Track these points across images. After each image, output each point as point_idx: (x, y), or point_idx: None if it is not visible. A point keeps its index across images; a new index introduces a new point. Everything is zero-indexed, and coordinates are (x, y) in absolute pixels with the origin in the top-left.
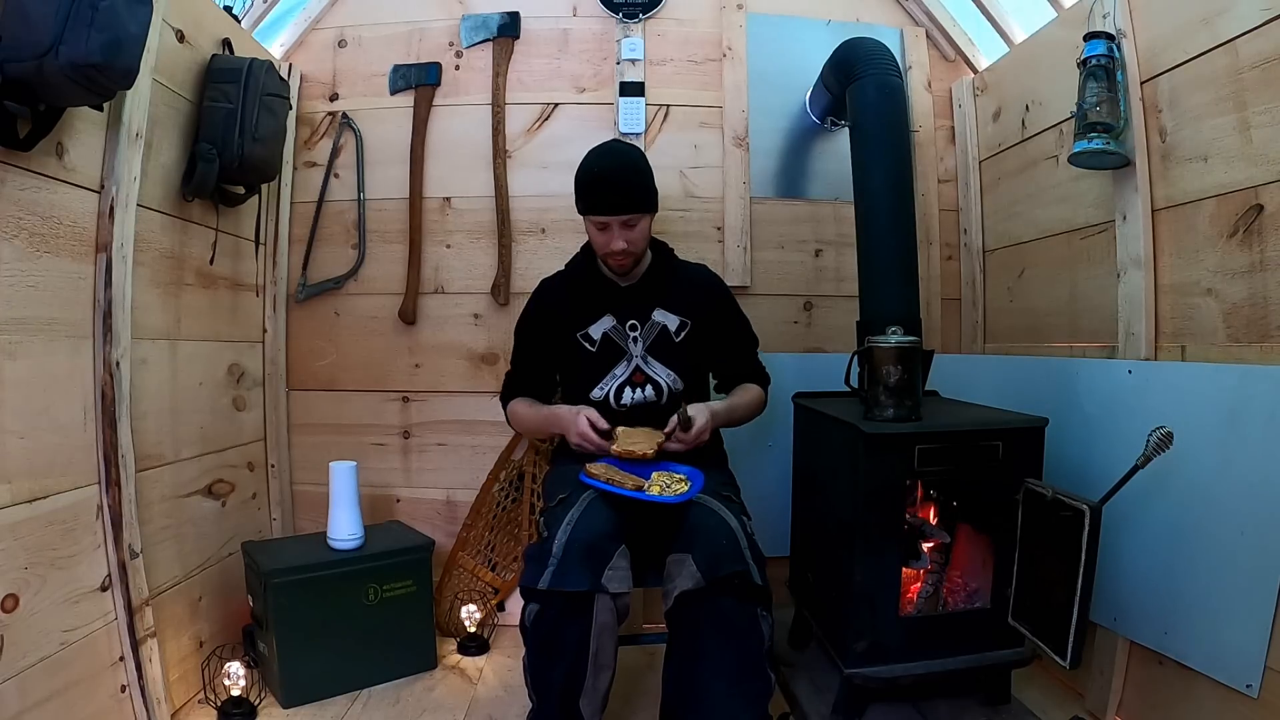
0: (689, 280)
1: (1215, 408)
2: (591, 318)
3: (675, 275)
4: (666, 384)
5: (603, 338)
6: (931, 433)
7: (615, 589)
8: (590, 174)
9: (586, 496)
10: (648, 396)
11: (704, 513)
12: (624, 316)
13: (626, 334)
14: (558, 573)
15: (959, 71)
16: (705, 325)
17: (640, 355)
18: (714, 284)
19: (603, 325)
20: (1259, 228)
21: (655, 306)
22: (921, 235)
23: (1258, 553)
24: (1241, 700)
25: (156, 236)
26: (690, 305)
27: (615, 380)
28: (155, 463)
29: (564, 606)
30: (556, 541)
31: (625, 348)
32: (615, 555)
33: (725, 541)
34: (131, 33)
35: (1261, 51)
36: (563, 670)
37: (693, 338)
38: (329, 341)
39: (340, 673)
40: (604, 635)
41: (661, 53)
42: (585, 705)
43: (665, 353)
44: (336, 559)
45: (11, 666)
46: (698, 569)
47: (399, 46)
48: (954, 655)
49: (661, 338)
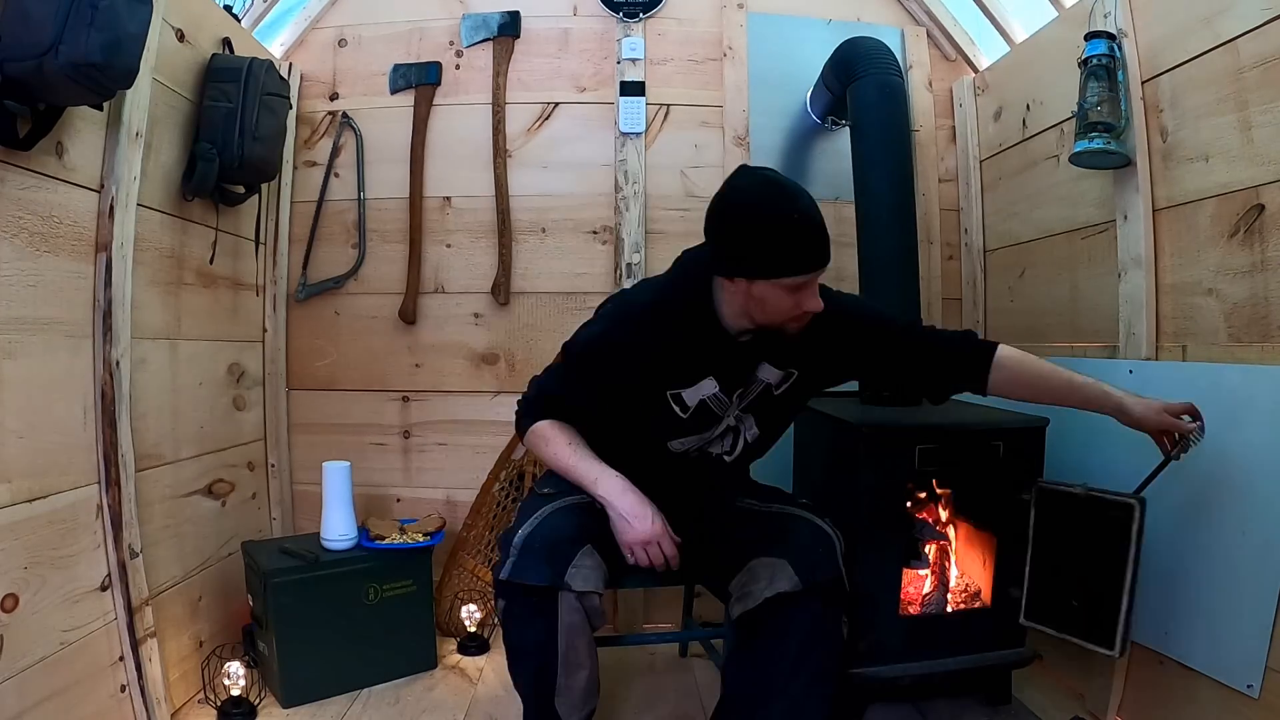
0: (810, 325)
1: (1216, 408)
2: (692, 378)
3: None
4: (747, 438)
5: (699, 405)
6: (931, 432)
7: (580, 587)
8: (791, 224)
9: (570, 500)
10: (724, 450)
11: (800, 522)
12: (729, 380)
13: (731, 403)
14: (518, 565)
15: (960, 71)
16: (818, 370)
17: (735, 416)
18: (836, 316)
19: (702, 390)
20: (1260, 227)
21: (761, 361)
22: (922, 235)
23: (1259, 553)
24: (1242, 700)
25: (156, 236)
26: (800, 353)
27: (700, 440)
28: (155, 462)
29: (527, 604)
30: (519, 534)
31: (722, 415)
32: (579, 554)
33: (822, 549)
34: (131, 32)
35: (1262, 51)
36: (531, 671)
37: (794, 389)
38: (329, 341)
39: (340, 672)
40: (573, 634)
41: (662, 52)
42: (562, 705)
43: (759, 409)
44: (336, 559)
45: (11, 666)
46: (796, 574)
47: (399, 46)
48: (954, 655)
49: (762, 396)
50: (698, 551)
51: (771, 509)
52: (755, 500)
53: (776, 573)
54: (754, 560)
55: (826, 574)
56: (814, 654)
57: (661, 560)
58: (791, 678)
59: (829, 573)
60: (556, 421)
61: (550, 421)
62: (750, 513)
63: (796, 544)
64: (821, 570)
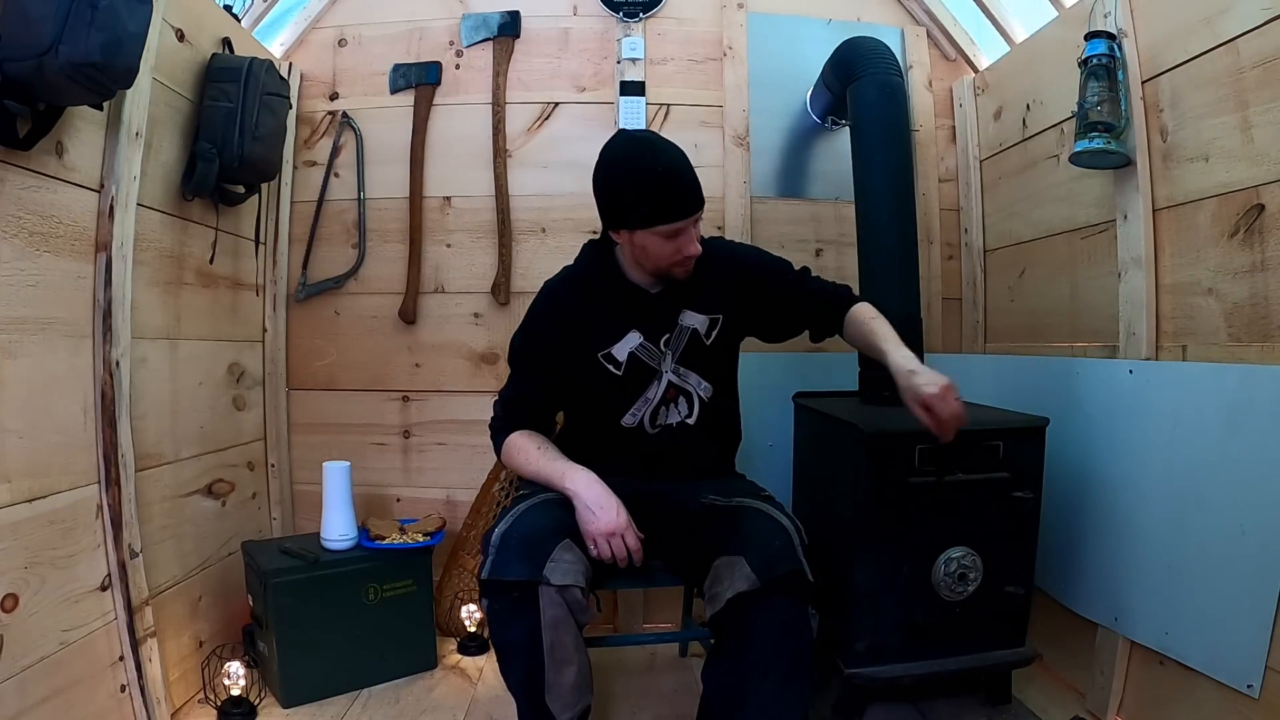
0: (712, 266)
1: (1216, 408)
2: (616, 334)
3: (699, 266)
4: (699, 395)
5: (629, 358)
6: (932, 432)
7: (559, 580)
8: (655, 175)
9: (545, 496)
10: (683, 415)
11: (754, 515)
12: (653, 329)
13: (659, 351)
14: (496, 563)
15: (960, 71)
16: (740, 311)
17: (672, 369)
18: (736, 258)
19: (629, 343)
20: (1260, 227)
21: (682, 309)
22: (922, 235)
23: (1258, 552)
24: (1242, 700)
25: (156, 236)
26: (719, 296)
27: (649, 405)
28: (155, 462)
29: (508, 600)
30: (496, 532)
31: (656, 366)
32: (557, 549)
33: (779, 542)
34: (131, 32)
35: (1262, 51)
36: (519, 668)
37: (725, 333)
38: (329, 341)
39: (340, 672)
40: (558, 629)
41: (662, 52)
42: (553, 702)
43: (696, 359)
44: (335, 559)
45: (11, 666)
46: (753, 571)
47: (399, 46)
48: (954, 655)
49: (692, 344)
50: (671, 551)
51: (731, 504)
52: (719, 495)
53: (735, 572)
54: (716, 560)
55: (784, 568)
56: (782, 651)
57: (624, 553)
58: (763, 679)
59: (787, 566)
60: (525, 431)
61: (520, 432)
62: (712, 509)
63: (753, 540)
64: (780, 564)
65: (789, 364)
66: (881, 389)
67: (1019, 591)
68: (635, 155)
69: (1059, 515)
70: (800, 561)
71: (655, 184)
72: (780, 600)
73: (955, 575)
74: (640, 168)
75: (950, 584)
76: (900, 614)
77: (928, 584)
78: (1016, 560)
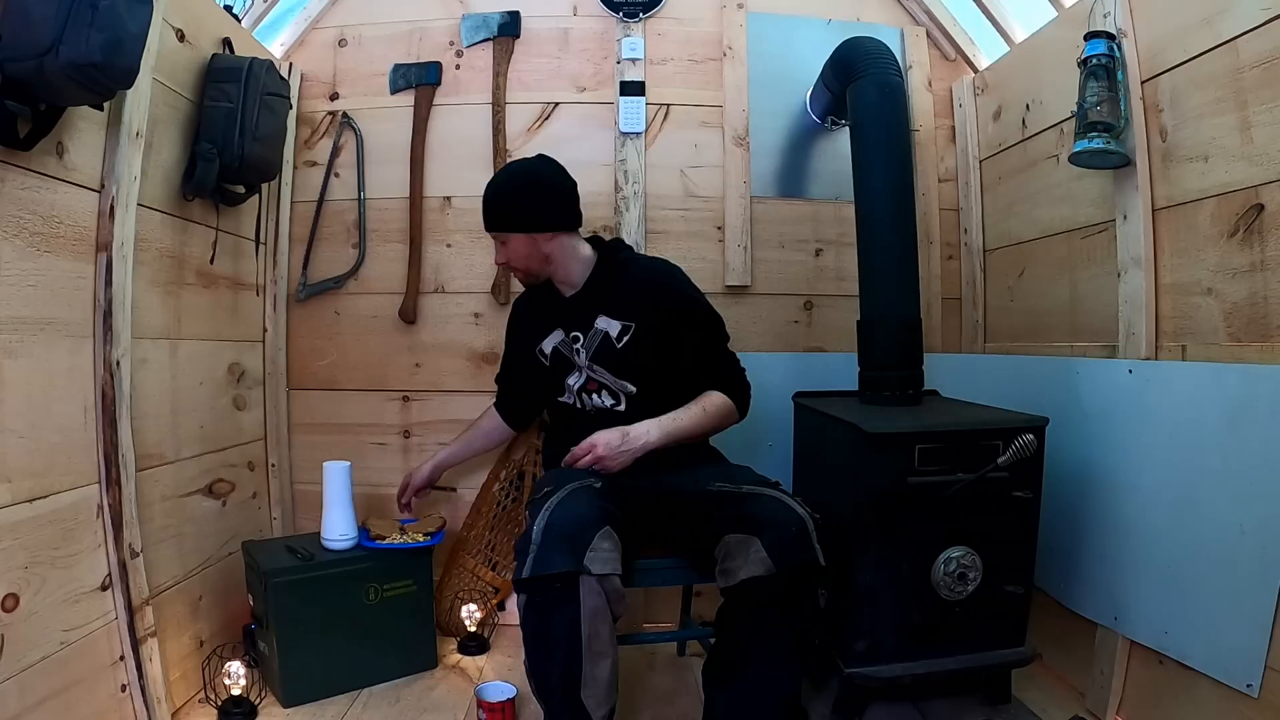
0: (637, 281)
1: (1216, 408)
2: (544, 332)
3: (620, 277)
4: (620, 392)
5: (553, 352)
6: (932, 432)
7: (599, 570)
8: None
9: (570, 486)
10: (610, 404)
11: (768, 500)
12: (570, 328)
13: (571, 345)
14: (538, 559)
15: (959, 71)
16: (651, 326)
17: (586, 365)
18: (664, 282)
19: (553, 339)
20: (1260, 227)
21: (598, 314)
22: (922, 235)
23: (1258, 552)
24: (1242, 700)
25: (157, 236)
26: (634, 308)
27: (572, 391)
28: (155, 462)
29: (550, 593)
30: (535, 529)
31: (572, 359)
32: (596, 537)
33: (795, 529)
34: (131, 32)
35: (1262, 51)
36: (559, 661)
37: (636, 341)
38: (329, 341)
39: (340, 672)
40: (596, 619)
41: (662, 52)
42: (588, 698)
43: (610, 360)
44: (336, 559)
45: (11, 666)
46: (768, 555)
47: (399, 46)
48: (954, 655)
49: (604, 346)
50: (680, 537)
51: (742, 490)
52: (727, 483)
53: (749, 552)
54: (728, 535)
55: (803, 558)
56: (784, 630)
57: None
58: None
59: (805, 555)
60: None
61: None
62: (723, 495)
63: (767, 523)
64: (797, 554)
65: (789, 364)
66: (881, 389)
67: (1018, 591)
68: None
69: (1059, 515)
70: (815, 551)
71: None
72: (794, 588)
73: (955, 575)
74: None
75: (950, 583)
76: (900, 614)
77: (927, 583)
78: (1016, 560)
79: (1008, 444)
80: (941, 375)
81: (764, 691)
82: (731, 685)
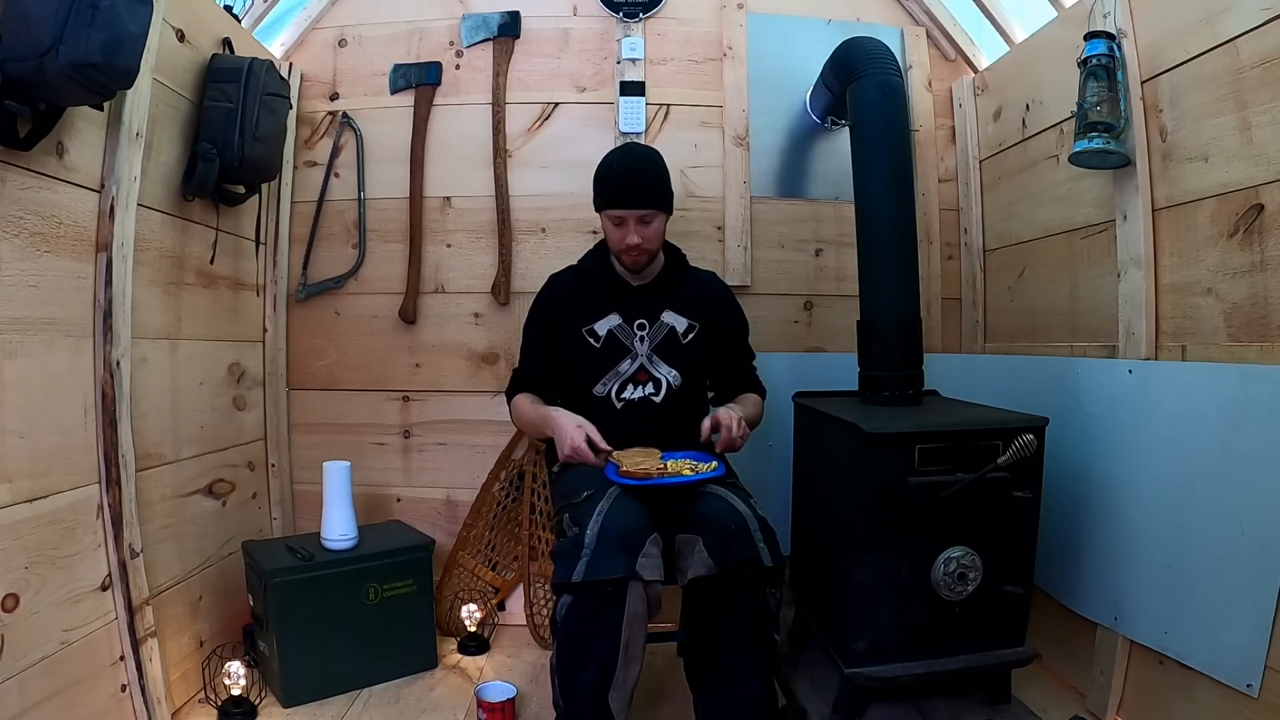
0: (699, 286)
1: (1215, 408)
2: (598, 314)
3: (686, 279)
4: (668, 380)
5: (608, 335)
6: (932, 432)
7: (649, 576)
8: (610, 169)
9: (614, 490)
10: (648, 393)
11: (711, 498)
12: (632, 315)
13: (633, 333)
14: (592, 562)
15: (959, 71)
16: (712, 331)
17: (646, 354)
18: (724, 292)
19: (609, 322)
20: (1259, 227)
21: (665, 308)
22: (922, 235)
23: (1258, 552)
24: (1242, 700)
25: (157, 236)
26: (700, 310)
27: (619, 378)
28: (155, 462)
29: (598, 596)
30: (589, 533)
31: (630, 346)
32: (648, 543)
33: (734, 527)
34: (131, 32)
35: (1262, 51)
36: (595, 662)
37: (699, 341)
38: (329, 341)
39: (340, 672)
40: (635, 625)
41: (662, 52)
42: (614, 700)
43: (671, 353)
44: (336, 559)
45: (12, 666)
46: (709, 555)
47: (399, 46)
48: (954, 655)
49: (669, 338)
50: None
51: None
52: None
53: (693, 552)
54: (678, 534)
55: (741, 555)
56: (740, 633)
57: (589, 457)
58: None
59: (743, 553)
60: (525, 393)
61: (521, 395)
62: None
63: (711, 522)
64: (735, 551)
65: (789, 364)
66: (881, 389)
67: (1018, 591)
68: (612, 153)
69: (1059, 515)
70: (755, 547)
71: (609, 175)
72: (735, 588)
73: (955, 575)
74: (606, 161)
75: (950, 583)
76: (900, 614)
77: (927, 583)
78: (1016, 560)
79: (1008, 444)
80: (941, 375)
81: (731, 694)
82: (706, 688)
